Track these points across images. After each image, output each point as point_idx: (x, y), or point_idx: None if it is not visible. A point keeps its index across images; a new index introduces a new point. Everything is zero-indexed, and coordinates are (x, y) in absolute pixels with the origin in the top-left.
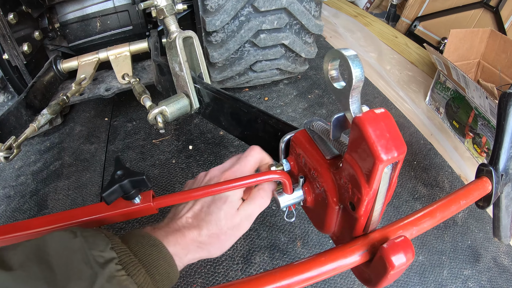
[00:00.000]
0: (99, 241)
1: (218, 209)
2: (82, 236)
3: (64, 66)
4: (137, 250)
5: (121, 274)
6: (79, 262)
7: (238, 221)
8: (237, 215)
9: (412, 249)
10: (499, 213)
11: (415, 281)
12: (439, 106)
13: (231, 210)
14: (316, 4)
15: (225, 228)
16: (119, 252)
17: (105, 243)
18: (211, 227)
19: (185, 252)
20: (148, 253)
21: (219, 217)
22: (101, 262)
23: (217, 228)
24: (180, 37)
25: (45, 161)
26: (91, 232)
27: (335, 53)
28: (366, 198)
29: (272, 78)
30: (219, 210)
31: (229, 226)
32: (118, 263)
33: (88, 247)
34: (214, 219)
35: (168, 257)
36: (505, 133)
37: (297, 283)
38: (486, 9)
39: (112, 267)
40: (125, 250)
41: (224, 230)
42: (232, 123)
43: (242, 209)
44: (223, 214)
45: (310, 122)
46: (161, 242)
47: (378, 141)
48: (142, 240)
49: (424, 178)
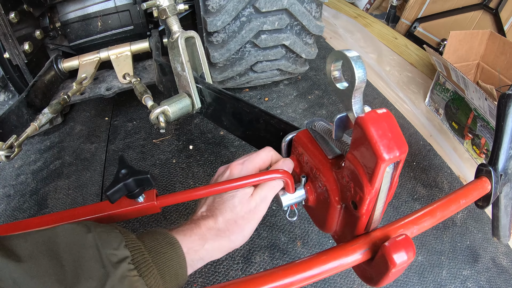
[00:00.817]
0: (113, 238)
1: (231, 197)
2: (95, 231)
3: (65, 65)
4: (152, 247)
5: (133, 275)
6: (91, 260)
7: (254, 205)
8: (251, 199)
9: (413, 247)
10: (498, 212)
11: (414, 281)
12: (438, 107)
13: (245, 196)
14: (316, 5)
15: (242, 213)
16: (133, 250)
17: (119, 240)
18: (226, 213)
19: (202, 242)
20: (163, 251)
21: (234, 203)
22: (114, 261)
23: (233, 213)
24: (182, 37)
25: (45, 160)
26: (105, 228)
27: (338, 54)
28: (368, 197)
29: (273, 78)
30: (232, 197)
31: (245, 210)
32: (131, 262)
33: (101, 244)
34: (228, 205)
35: (181, 258)
36: (504, 134)
37: (299, 282)
38: (485, 11)
39: (125, 267)
40: (139, 248)
41: (240, 214)
42: (234, 123)
43: (256, 193)
44: (237, 200)
45: (312, 122)
46: (177, 241)
47: (380, 141)
48: (158, 236)
49: (423, 179)
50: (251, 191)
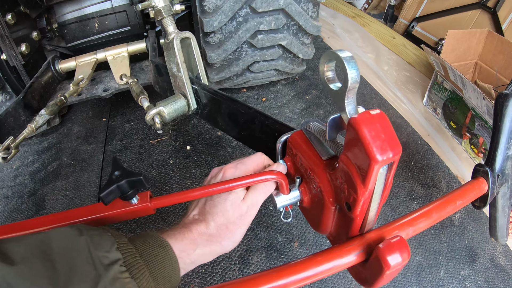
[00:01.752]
0: (105, 241)
1: (223, 200)
2: (88, 235)
3: (62, 66)
4: (144, 250)
5: (125, 277)
6: (83, 263)
7: (245, 209)
8: (243, 203)
9: (407, 249)
10: (496, 213)
11: (412, 281)
12: (436, 106)
13: (236, 200)
14: (313, 5)
15: (233, 218)
16: (125, 252)
17: (111, 243)
18: (218, 218)
19: (193, 247)
20: (154, 254)
21: (226, 208)
22: (106, 263)
23: (225, 218)
24: (178, 38)
25: (43, 162)
26: (98, 231)
27: (331, 54)
28: (361, 199)
29: (270, 78)
30: (224, 201)
31: (237, 215)
32: (122, 265)
33: (94, 247)
34: (220, 210)
35: (173, 260)
36: (501, 134)
37: (294, 283)
38: (483, 10)
39: (116, 269)
40: (131, 251)
41: (232, 219)
42: (229, 123)
43: (247, 197)
44: (229, 204)
45: (306, 123)
46: (168, 243)
47: (373, 142)
48: (150, 240)
49: (421, 179)
50: (243, 195)
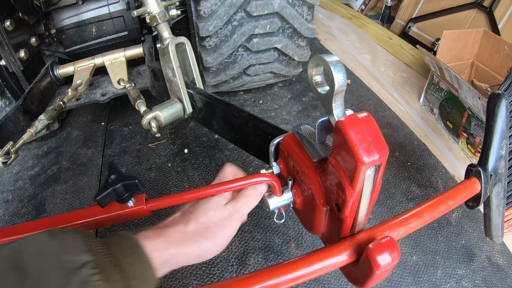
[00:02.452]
0: (76, 243)
1: (206, 201)
2: (58, 239)
3: (61, 71)
4: (116, 251)
5: (96, 279)
6: (52, 269)
7: (227, 213)
8: (225, 208)
9: (397, 249)
10: (490, 212)
11: (409, 281)
12: (433, 107)
13: (220, 202)
14: (308, 8)
15: (215, 218)
16: (96, 254)
17: (82, 245)
18: (199, 217)
19: (166, 246)
20: (124, 255)
21: (208, 207)
22: (76, 267)
23: (206, 217)
24: (173, 43)
25: (42, 166)
26: (69, 234)
27: (318, 59)
28: (350, 200)
29: (266, 81)
30: (207, 202)
31: (219, 216)
32: (94, 267)
33: (63, 251)
34: (202, 210)
35: (143, 260)
36: (494, 134)
37: (286, 282)
38: (480, 10)
39: (86, 272)
40: (103, 253)
41: (213, 220)
42: (224, 127)
43: (230, 204)
44: (211, 205)
45: (298, 126)
46: (138, 244)
47: (359, 144)
48: (122, 241)
49: (418, 179)
50: (226, 200)
